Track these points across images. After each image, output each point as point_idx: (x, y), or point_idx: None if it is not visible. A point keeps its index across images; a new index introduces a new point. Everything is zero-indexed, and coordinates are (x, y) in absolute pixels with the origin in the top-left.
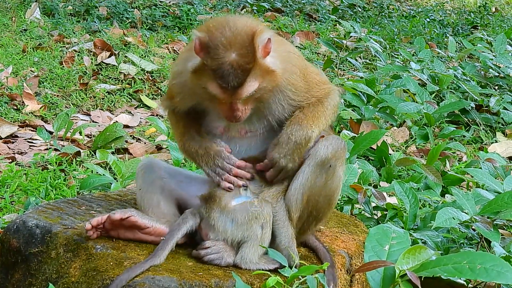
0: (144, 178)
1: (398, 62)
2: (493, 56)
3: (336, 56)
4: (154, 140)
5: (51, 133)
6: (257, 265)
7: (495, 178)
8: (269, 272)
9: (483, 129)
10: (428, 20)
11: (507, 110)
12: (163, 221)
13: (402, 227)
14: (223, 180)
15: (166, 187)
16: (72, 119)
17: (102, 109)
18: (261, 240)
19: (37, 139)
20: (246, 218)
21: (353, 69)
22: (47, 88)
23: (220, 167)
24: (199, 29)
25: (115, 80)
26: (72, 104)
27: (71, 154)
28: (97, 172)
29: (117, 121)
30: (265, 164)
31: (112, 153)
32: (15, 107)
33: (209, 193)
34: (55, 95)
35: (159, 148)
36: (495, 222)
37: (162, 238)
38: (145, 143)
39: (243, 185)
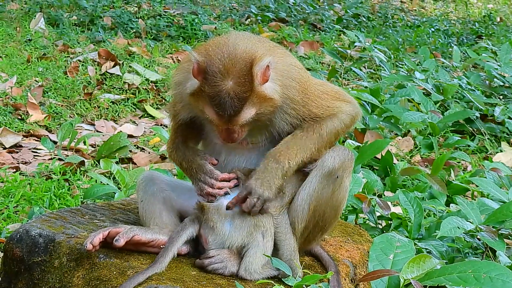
0: (146, 190)
1: (402, 71)
2: (498, 65)
3: (340, 65)
4: (158, 149)
5: (55, 143)
6: (261, 275)
7: (500, 188)
8: (273, 282)
9: (488, 138)
10: (432, 30)
11: None
12: (166, 231)
13: (407, 237)
14: (204, 194)
15: (167, 198)
16: (76, 129)
17: (106, 119)
18: (263, 248)
19: (41, 149)
20: (245, 222)
21: (357, 79)
22: (51, 98)
23: (202, 182)
24: (197, 50)
25: (120, 90)
26: (77, 114)
27: (75, 163)
28: (101, 182)
29: (121, 131)
30: (241, 192)
31: (116, 162)
32: (20, 117)
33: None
34: (59, 105)
35: (163, 157)
36: (500, 231)
37: (162, 246)
38: (149, 153)
39: (225, 193)
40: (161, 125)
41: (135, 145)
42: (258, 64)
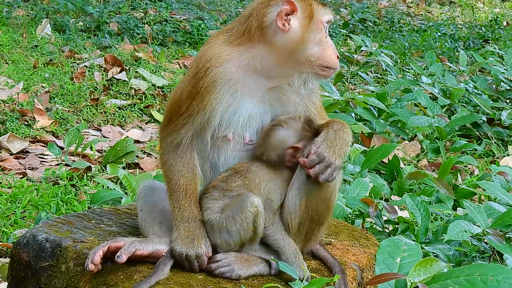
0: (145, 199)
1: (409, 76)
2: (505, 69)
3: (347, 70)
4: None
5: (62, 148)
6: (256, 253)
7: (507, 191)
8: (279, 286)
9: (494, 142)
10: (439, 34)
11: None
12: (165, 240)
13: (414, 241)
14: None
15: (167, 208)
16: (83, 135)
17: (113, 124)
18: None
19: (48, 155)
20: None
21: (364, 83)
22: (58, 104)
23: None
24: None
25: (126, 96)
26: (83, 119)
27: (82, 169)
28: (107, 187)
29: (128, 136)
30: (311, 160)
31: (123, 168)
32: (26, 123)
33: None
34: (66, 110)
35: None
36: (507, 235)
37: (164, 254)
38: (155, 158)
39: None
40: None
41: (141, 151)
42: None
